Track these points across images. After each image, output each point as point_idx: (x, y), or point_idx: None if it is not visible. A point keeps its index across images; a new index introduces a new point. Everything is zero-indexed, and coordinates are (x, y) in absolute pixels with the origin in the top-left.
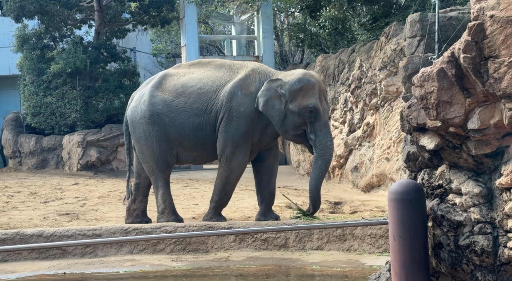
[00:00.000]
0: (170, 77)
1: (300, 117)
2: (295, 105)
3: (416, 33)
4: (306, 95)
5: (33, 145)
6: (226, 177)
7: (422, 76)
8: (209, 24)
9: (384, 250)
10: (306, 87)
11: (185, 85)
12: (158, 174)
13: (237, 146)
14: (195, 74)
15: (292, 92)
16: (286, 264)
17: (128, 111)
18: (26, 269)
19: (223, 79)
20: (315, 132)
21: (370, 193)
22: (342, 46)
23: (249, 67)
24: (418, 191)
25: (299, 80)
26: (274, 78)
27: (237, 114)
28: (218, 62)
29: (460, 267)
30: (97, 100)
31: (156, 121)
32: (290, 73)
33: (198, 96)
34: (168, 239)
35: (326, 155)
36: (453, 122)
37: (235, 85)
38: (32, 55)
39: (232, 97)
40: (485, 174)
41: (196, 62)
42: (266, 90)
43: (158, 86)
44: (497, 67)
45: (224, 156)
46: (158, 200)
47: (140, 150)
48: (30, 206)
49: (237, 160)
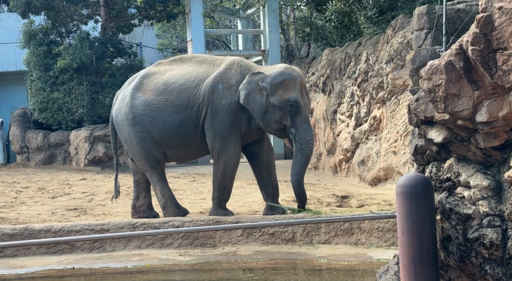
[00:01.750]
0: (151, 76)
1: (281, 110)
2: (276, 99)
3: (423, 26)
4: (287, 89)
5: (40, 140)
6: (222, 172)
7: (430, 69)
8: (215, 18)
9: (391, 244)
10: (287, 81)
11: (167, 82)
12: (151, 170)
13: (226, 139)
14: (176, 70)
15: (273, 86)
16: (294, 258)
17: (112, 112)
18: (35, 264)
19: (204, 73)
20: (295, 126)
21: (377, 187)
22: (348, 39)
23: (230, 60)
24: (426, 184)
25: (281, 73)
26: (255, 72)
27: (219, 107)
28: (200, 58)
29: (469, 260)
30: (104, 95)
31: (139, 123)
32: (272, 67)
33: (180, 93)
34: (175, 233)
35: (306, 149)
36: (461, 115)
37: (216, 79)
38: (38, 51)
39: (213, 91)
40: (494, 167)
41: (178, 58)
42: (247, 83)
43: (139, 86)
44: (505, 59)
45: (215, 151)
46: (158, 196)
47: (129, 150)
48: (38, 201)
49: (228, 154)
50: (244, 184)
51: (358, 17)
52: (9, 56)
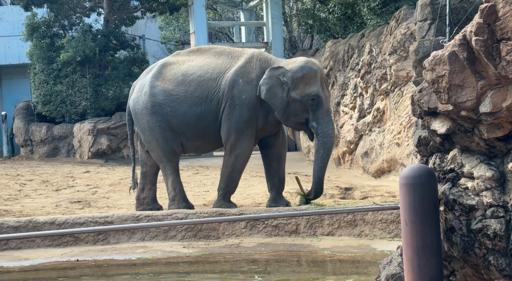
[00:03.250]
0: (169, 66)
1: (302, 104)
2: (297, 93)
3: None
4: (308, 83)
5: (44, 133)
6: (232, 164)
7: (433, 59)
8: (217, 10)
9: (395, 235)
10: (308, 75)
11: (185, 73)
12: (166, 162)
13: (241, 133)
14: (195, 61)
15: (294, 80)
16: (297, 250)
17: (130, 102)
18: (40, 256)
19: (223, 66)
20: (317, 119)
21: (380, 179)
22: (351, 31)
23: (249, 53)
24: (430, 175)
25: (301, 68)
26: (275, 66)
27: (239, 102)
28: (218, 49)
29: (472, 251)
30: (107, 88)
31: (158, 112)
32: (292, 60)
33: (199, 84)
34: (179, 225)
35: (328, 143)
36: (465, 105)
37: (236, 73)
38: (41, 44)
39: (233, 85)
40: (497, 158)
41: (196, 49)
42: (268, 78)
43: (158, 75)
44: (509, 49)
45: (228, 143)
46: (169, 188)
47: (146, 140)
48: (42, 194)
49: (242, 147)
50: (248, 177)
51: (361, 9)
52: (12, 49)
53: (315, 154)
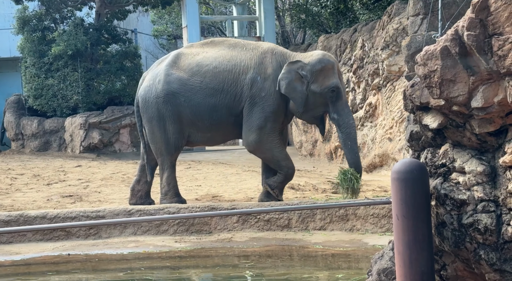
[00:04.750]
0: (184, 56)
1: (321, 97)
2: (317, 86)
3: (419, 11)
4: (327, 75)
5: (35, 127)
6: (273, 157)
7: (425, 54)
8: (210, 4)
9: (386, 230)
10: (326, 67)
11: (200, 64)
12: (166, 156)
13: (263, 128)
14: (209, 53)
15: (313, 73)
16: (289, 244)
17: (140, 90)
18: (31, 251)
19: (238, 58)
20: (337, 111)
21: (372, 173)
22: (344, 26)
23: (264, 48)
24: (422, 170)
25: (320, 60)
26: (293, 60)
27: (259, 100)
28: (232, 41)
29: (463, 245)
30: (99, 82)
31: (171, 101)
32: (308, 54)
33: (214, 76)
34: (171, 220)
35: (352, 133)
36: (457, 100)
37: (254, 71)
38: (33, 37)
39: (252, 84)
40: (489, 153)
41: (209, 41)
42: (287, 73)
43: (173, 64)
44: (501, 44)
45: (250, 145)
46: (163, 182)
47: (151, 130)
48: (33, 188)
49: (268, 139)
50: (240, 171)
51: (353, 3)
52: (3, 42)
53: (344, 147)
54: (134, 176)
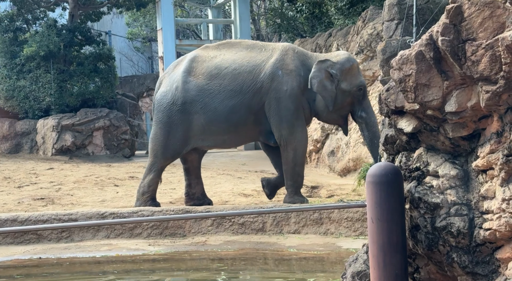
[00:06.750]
0: (200, 60)
1: (350, 96)
2: (346, 85)
3: (394, 17)
4: (355, 74)
5: (6, 129)
6: (292, 159)
7: (400, 58)
8: (185, 7)
9: (360, 234)
10: (354, 66)
11: (219, 66)
12: (160, 159)
13: (292, 125)
14: (227, 55)
15: (343, 72)
16: (264, 247)
17: (157, 95)
18: (1, 254)
19: (257, 59)
20: (365, 109)
21: (346, 177)
22: (319, 30)
23: (285, 46)
24: (396, 173)
25: (348, 59)
26: (322, 59)
27: (282, 94)
28: (249, 42)
29: (436, 248)
30: (72, 84)
31: (187, 109)
32: (335, 54)
33: (234, 78)
34: (145, 223)
35: (378, 132)
36: (431, 104)
37: (275, 65)
38: (4, 38)
39: (273, 78)
40: (462, 157)
41: (225, 42)
42: (317, 71)
43: (190, 70)
44: (474, 49)
45: (282, 139)
46: (144, 182)
47: (155, 131)
48: (4, 191)
49: (296, 140)
50: (214, 174)
51: (328, 8)
52: None
53: (369, 145)
54: (184, 181)
